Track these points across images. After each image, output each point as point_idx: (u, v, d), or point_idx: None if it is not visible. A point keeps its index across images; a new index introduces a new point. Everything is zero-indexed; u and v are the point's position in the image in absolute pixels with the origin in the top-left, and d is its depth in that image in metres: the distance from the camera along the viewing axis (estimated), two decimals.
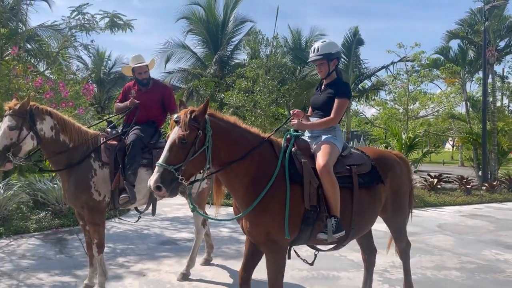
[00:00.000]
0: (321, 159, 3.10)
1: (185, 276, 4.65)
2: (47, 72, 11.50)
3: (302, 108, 3.54)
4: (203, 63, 21.61)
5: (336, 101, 3.35)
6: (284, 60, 17.88)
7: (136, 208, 4.66)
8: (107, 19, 10.68)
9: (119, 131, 4.48)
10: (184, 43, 21.83)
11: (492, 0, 14.43)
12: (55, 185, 7.46)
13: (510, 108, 27.10)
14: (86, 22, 10.41)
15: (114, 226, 7.15)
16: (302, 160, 3.08)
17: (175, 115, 2.78)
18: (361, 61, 19.41)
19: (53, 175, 7.97)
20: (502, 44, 18.63)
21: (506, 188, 12.54)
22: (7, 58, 9.60)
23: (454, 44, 20.34)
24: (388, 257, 4.54)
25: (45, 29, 12.76)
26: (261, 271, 3.22)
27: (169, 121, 3.35)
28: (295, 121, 3.33)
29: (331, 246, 3.31)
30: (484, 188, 12.32)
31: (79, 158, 4.04)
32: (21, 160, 3.92)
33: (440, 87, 23.31)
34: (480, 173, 13.83)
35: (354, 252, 5.24)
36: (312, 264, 3.28)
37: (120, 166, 4.15)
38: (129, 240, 6.33)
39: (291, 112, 3.46)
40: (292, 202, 2.91)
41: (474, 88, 24.47)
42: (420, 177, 12.77)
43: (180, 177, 2.64)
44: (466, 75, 20.31)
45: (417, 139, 13.01)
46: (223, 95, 13.48)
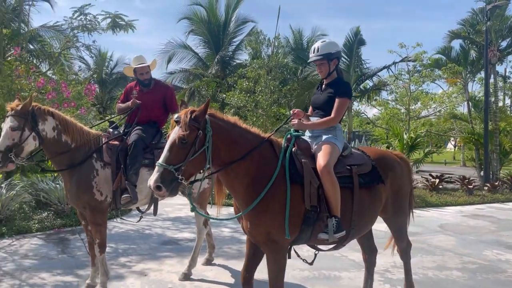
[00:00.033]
0: (322, 160, 3.11)
1: (187, 276, 4.66)
2: (49, 73, 11.53)
3: (304, 108, 3.54)
4: (205, 64, 21.63)
5: (337, 101, 3.35)
6: (286, 60, 17.87)
7: (138, 208, 4.68)
8: (109, 20, 10.71)
9: (121, 132, 4.50)
10: (186, 44, 21.88)
11: (494, 0, 14.40)
12: (57, 185, 7.49)
13: None
14: (88, 23, 10.44)
15: (116, 226, 7.17)
16: (303, 160, 3.09)
17: (176, 115, 2.79)
18: (363, 61, 19.44)
19: (55, 175, 8.00)
20: (504, 44, 18.64)
21: (508, 188, 12.51)
22: (10, 59, 9.64)
23: (456, 44, 20.33)
24: (389, 257, 4.53)
25: (47, 30, 12.81)
26: (262, 271, 3.23)
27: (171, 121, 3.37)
28: (296, 121, 3.33)
29: (331, 246, 3.32)
30: (486, 188, 12.29)
31: (81, 158, 4.06)
32: (23, 161, 3.95)
33: (442, 87, 23.30)
34: (482, 173, 13.79)
35: (355, 252, 5.25)
36: (312, 264, 3.28)
37: (122, 166, 4.17)
38: (131, 240, 6.35)
39: (291, 112, 3.46)
40: (293, 202, 2.92)
41: (476, 88, 24.50)
42: (422, 177, 12.75)
43: (180, 177, 2.65)
44: (468, 75, 20.28)
45: (419, 139, 12.98)
46: (225, 95, 13.49)
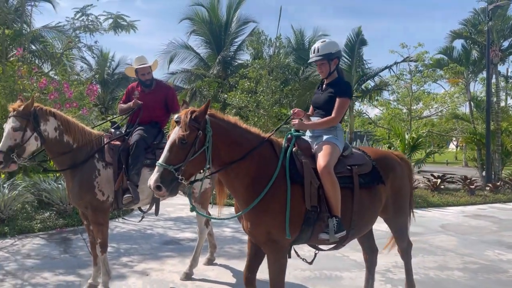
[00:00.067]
0: (322, 160, 3.11)
1: (188, 276, 4.68)
2: (52, 73, 11.55)
3: (305, 109, 3.53)
4: (206, 64, 21.64)
5: (337, 101, 3.36)
6: (287, 61, 17.83)
7: (140, 208, 4.69)
8: (111, 20, 10.71)
9: (123, 132, 4.52)
10: (187, 44, 21.87)
11: (496, 0, 14.37)
12: (60, 185, 7.52)
13: None
14: (90, 23, 10.44)
15: (118, 226, 7.19)
16: (303, 160, 3.09)
17: (176, 115, 2.81)
18: (364, 61, 19.35)
19: (58, 175, 8.03)
20: (506, 44, 18.56)
21: (510, 189, 12.49)
22: (12, 59, 9.67)
23: (458, 44, 20.28)
24: (391, 257, 4.53)
25: (50, 30, 12.84)
26: (263, 271, 3.24)
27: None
28: (296, 121, 3.34)
29: (331, 246, 3.32)
30: (488, 189, 12.27)
31: (83, 159, 4.07)
32: (26, 161, 3.97)
33: (444, 87, 23.28)
34: (484, 174, 13.77)
35: (357, 252, 5.25)
36: (311, 263, 3.29)
37: (124, 166, 4.18)
38: (133, 240, 6.37)
39: (291, 111, 3.47)
40: (293, 202, 2.92)
41: (478, 88, 24.38)
42: (424, 177, 12.74)
43: (180, 177, 2.66)
44: (470, 75, 20.24)
45: (421, 139, 12.97)
46: (226, 96, 13.50)
